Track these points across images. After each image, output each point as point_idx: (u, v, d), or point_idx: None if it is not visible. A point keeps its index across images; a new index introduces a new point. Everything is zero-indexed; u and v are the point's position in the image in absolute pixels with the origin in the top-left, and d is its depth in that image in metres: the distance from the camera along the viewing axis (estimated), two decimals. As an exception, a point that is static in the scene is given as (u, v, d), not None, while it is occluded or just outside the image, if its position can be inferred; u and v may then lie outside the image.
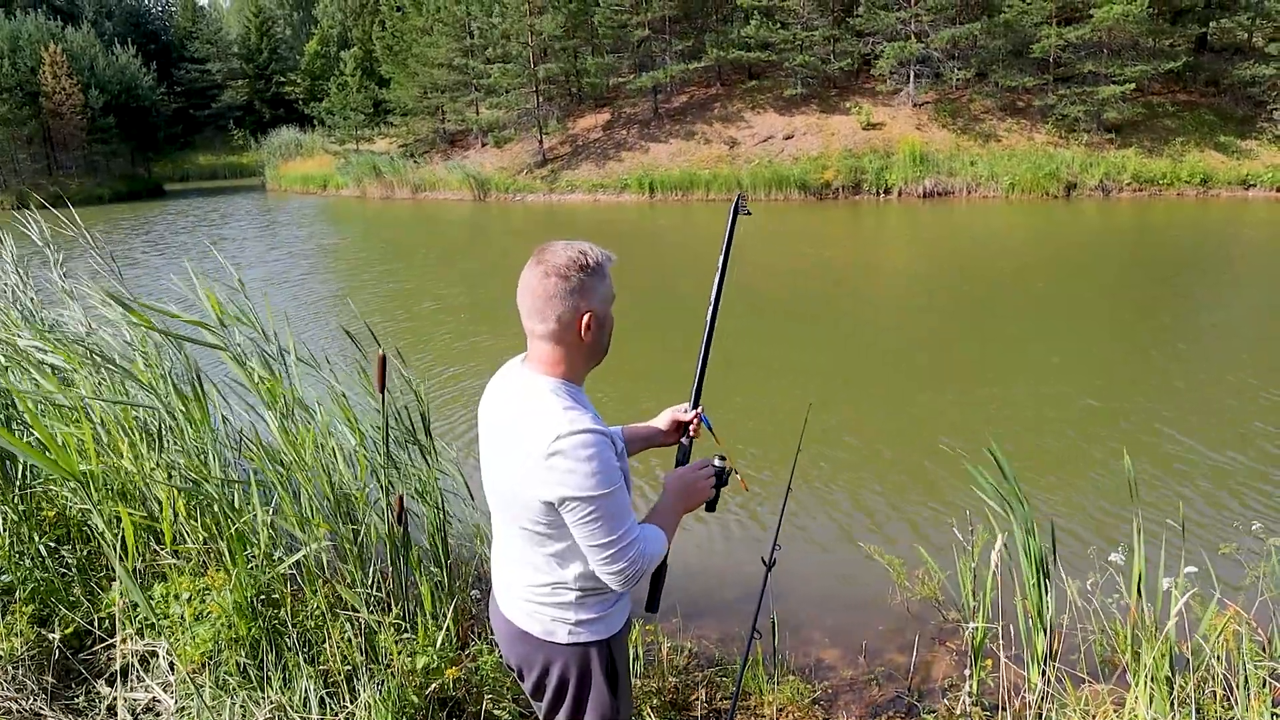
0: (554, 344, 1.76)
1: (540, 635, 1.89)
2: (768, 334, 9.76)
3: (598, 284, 1.74)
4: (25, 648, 2.84)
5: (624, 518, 1.72)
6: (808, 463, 5.73)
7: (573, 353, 1.78)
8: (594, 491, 1.66)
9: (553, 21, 28.80)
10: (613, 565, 1.73)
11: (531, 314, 1.74)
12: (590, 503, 1.67)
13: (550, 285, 1.71)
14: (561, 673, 1.91)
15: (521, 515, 1.79)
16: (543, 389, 1.75)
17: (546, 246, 1.74)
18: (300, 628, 2.86)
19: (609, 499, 1.69)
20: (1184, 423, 6.45)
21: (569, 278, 1.70)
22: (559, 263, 1.71)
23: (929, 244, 17.49)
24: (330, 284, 14.80)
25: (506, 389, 1.85)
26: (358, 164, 33.64)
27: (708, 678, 3.34)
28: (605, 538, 1.71)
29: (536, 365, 1.80)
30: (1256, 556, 2.96)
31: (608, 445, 1.69)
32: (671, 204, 25.43)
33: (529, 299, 1.74)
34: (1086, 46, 23.93)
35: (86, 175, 40.54)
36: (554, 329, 1.74)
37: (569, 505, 1.68)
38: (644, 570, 1.78)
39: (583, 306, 1.73)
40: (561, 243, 1.75)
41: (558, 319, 1.72)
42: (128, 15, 62.95)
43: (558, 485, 1.67)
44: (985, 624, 3.14)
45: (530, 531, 1.80)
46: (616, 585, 1.78)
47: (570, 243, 1.75)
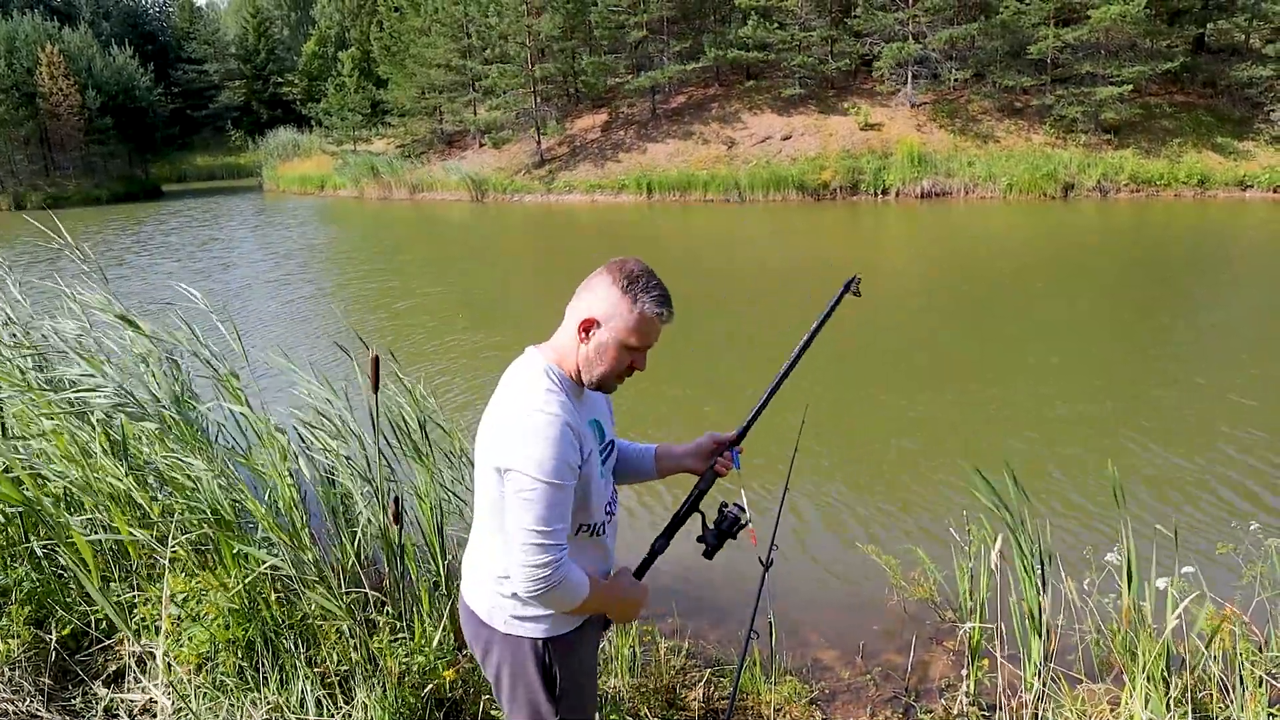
0: (565, 333, 1.80)
1: (483, 617, 1.92)
2: (765, 333, 9.76)
3: (612, 295, 1.74)
4: (22, 649, 2.84)
5: (555, 519, 1.69)
6: (805, 463, 5.73)
7: (571, 350, 1.80)
8: (535, 473, 1.66)
9: (550, 22, 28.80)
10: (526, 556, 1.68)
11: (573, 299, 1.81)
12: (527, 481, 1.66)
13: (590, 277, 1.78)
14: (497, 660, 1.93)
15: (481, 488, 1.82)
16: (537, 366, 1.79)
17: (634, 260, 1.80)
18: (297, 629, 2.86)
19: (547, 489, 1.67)
20: (1183, 422, 6.46)
21: (600, 273, 1.76)
22: (613, 263, 1.77)
23: (927, 244, 17.50)
24: (321, 284, 14.78)
25: (516, 366, 1.87)
26: (355, 165, 33.62)
27: (705, 678, 3.34)
28: (529, 524, 1.68)
29: (546, 352, 1.83)
30: (1255, 556, 2.96)
31: (570, 441, 1.69)
32: (669, 204, 25.43)
33: (582, 285, 1.81)
34: (1084, 47, 23.96)
35: (84, 176, 40.46)
36: (569, 321, 1.79)
37: (510, 476, 1.69)
38: (552, 590, 1.71)
39: (593, 308, 1.75)
40: (635, 260, 1.79)
41: (573, 310, 1.79)
42: (125, 16, 62.88)
43: (507, 452, 1.69)
44: (982, 624, 3.14)
45: (488, 508, 1.82)
46: (520, 581, 1.71)
47: (640, 264, 1.79)
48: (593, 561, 1.90)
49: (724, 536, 2.04)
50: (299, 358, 8.43)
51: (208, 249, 20.43)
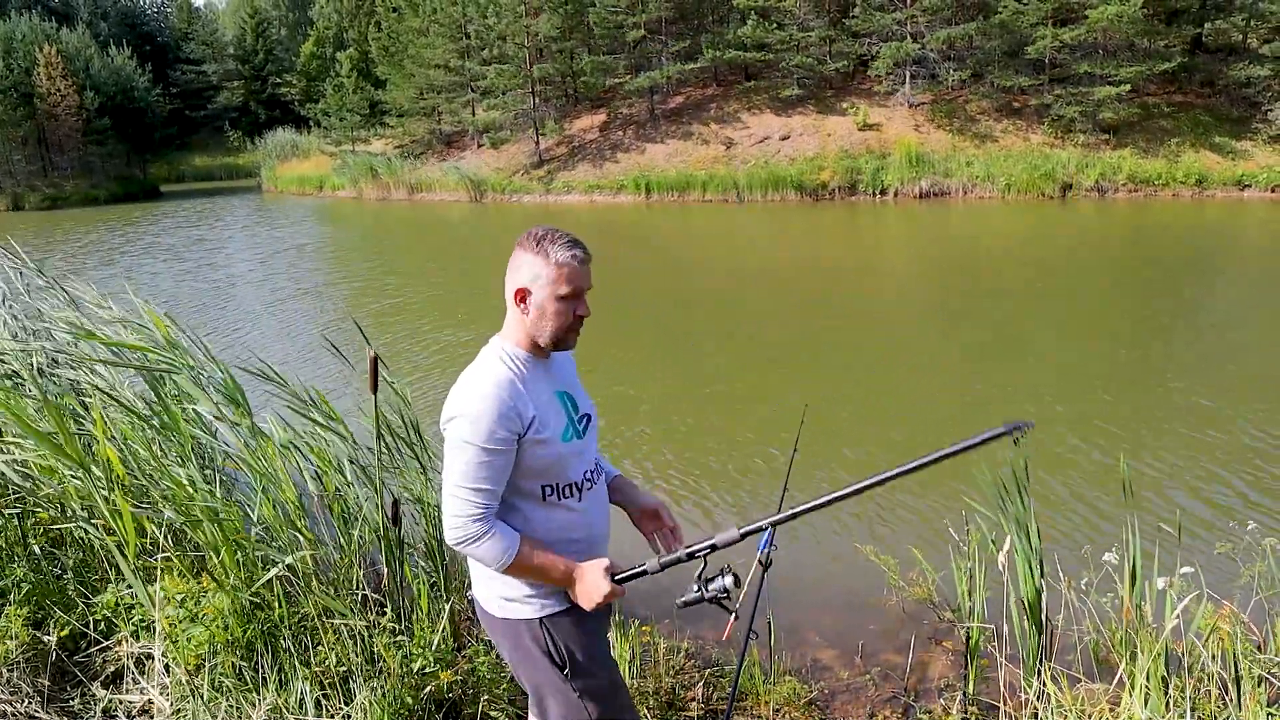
0: (508, 311, 1.91)
1: (481, 603, 2.03)
2: (764, 334, 9.76)
3: (531, 261, 1.85)
4: (20, 650, 2.83)
5: (480, 479, 1.79)
6: (804, 464, 5.72)
7: (518, 324, 1.91)
8: (466, 435, 1.77)
9: (549, 22, 28.80)
10: (450, 506, 1.81)
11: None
12: (459, 441, 1.78)
13: (512, 257, 1.89)
14: (502, 645, 2.04)
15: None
16: (492, 350, 1.91)
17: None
18: (295, 630, 2.85)
19: (474, 450, 1.78)
20: (1182, 422, 6.47)
21: (516, 247, 1.88)
22: (521, 235, 1.88)
23: (926, 244, 17.51)
24: (309, 283, 14.78)
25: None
26: (354, 165, 33.60)
27: (704, 678, 3.34)
28: (456, 480, 1.80)
29: (502, 332, 1.95)
30: (1253, 556, 2.97)
31: (505, 412, 1.79)
32: (668, 204, 25.44)
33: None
34: (1082, 47, 23.98)
35: (82, 177, 40.42)
36: (508, 299, 1.90)
37: (446, 433, 1.82)
38: (471, 543, 1.82)
39: (516, 280, 1.87)
40: (539, 225, 1.91)
41: (507, 286, 1.89)
42: (123, 16, 62.84)
43: (447, 414, 1.82)
44: (980, 624, 3.14)
45: None
46: (446, 530, 1.84)
47: (544, 226, 1.90)
48: (563, 528, 1.96)
49: (708, 601, 2.06)
50: (293, 357, 8.44)
51: (195, 250, 20.39)
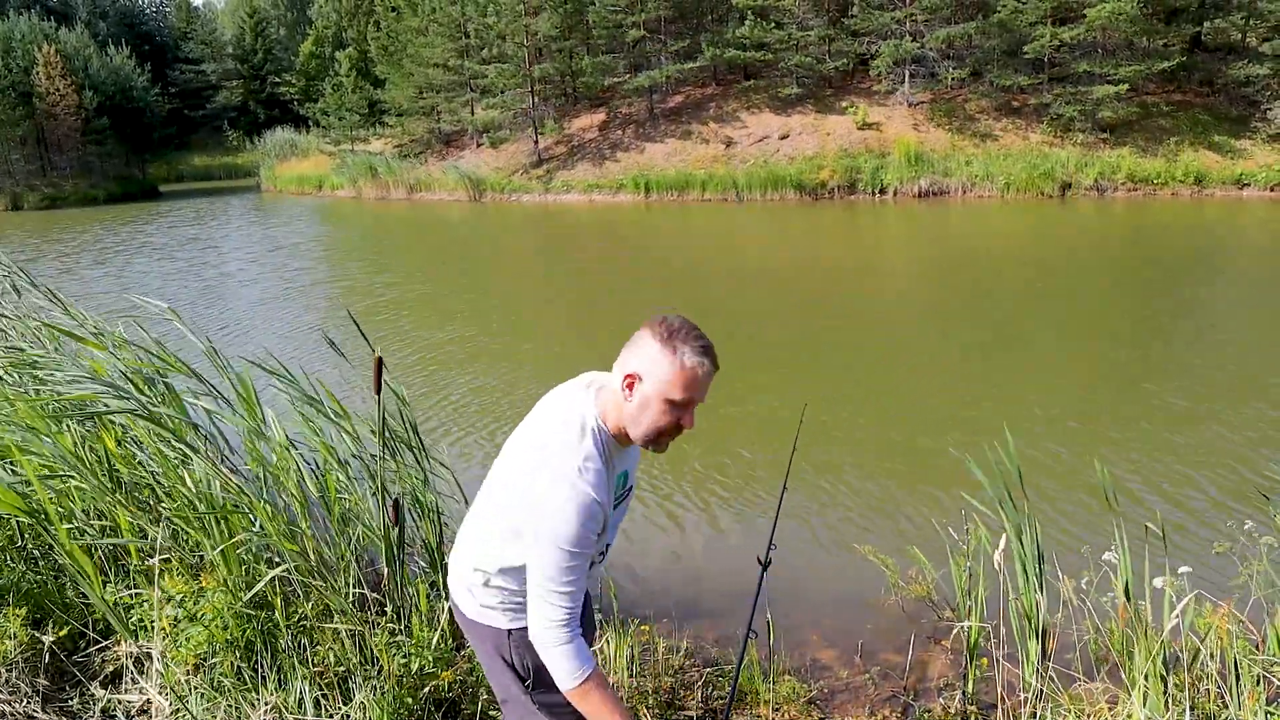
0: (610, 393, 1.80)
1: (459, 605, 2.03)
2: (764, 333, 9.76)
3: (656, 354, 1.73)
4: (18, 650, 2.83)
5: (572, 581, 1.74)
6: (803, 463, 5.73)
7: (618, 407, 1.80)
8: (562, 543, 1.70)
9: (548, 22, 28.78)
10: (543, 607, 1.75)
11: (621, 354, 1.80)
12: (552, 545, 1.71)
13: (632, 340, 1.78)
14: (476, 646, 2.06)
15: (495, 498, 1.90)
16: (586, 421, 1.79)
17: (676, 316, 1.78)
18: (294, 630, 2.85)
19: (568, 555, 1.72)
20: (1182, 421, 6.47)
21: (643, 328, 1.76)
22: (655, 319, 1.76)
23: (925, 244, 17.51)
24: (303, 281, 14.78)
25: (562, 404, 1.88)
26: (353, 164, 33.57)
27: (704, 677, 3.34)
28: (549, 580, 1.73)
29: (600, 398, 1.83)
30: (1251, 555, 2.97)
31: (598, 517, 1.74)
32: (667, 204, 25.44)
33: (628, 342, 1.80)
34: (1081, 46, 23.98)
35: (81, 176, 40.38)
36: (615, 375, 1.79)
37: (538, 532, 1.73)
38: (558, 646, 1.76)
39: (631, 364, 1.75)
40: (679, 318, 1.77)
41: (620, 365, 1.78)
42: (122, 16, 62.77)
43: (540, 512, 1.72)
44: (980, 623, 3.14)
45: (493, 515, 1.90)
46: (533, 625, 1.78)
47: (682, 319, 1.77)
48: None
49: None
50: (281, 356, 8.42)
51: (187, 249, 20.37)
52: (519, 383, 8.07)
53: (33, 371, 3.54)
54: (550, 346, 9.73)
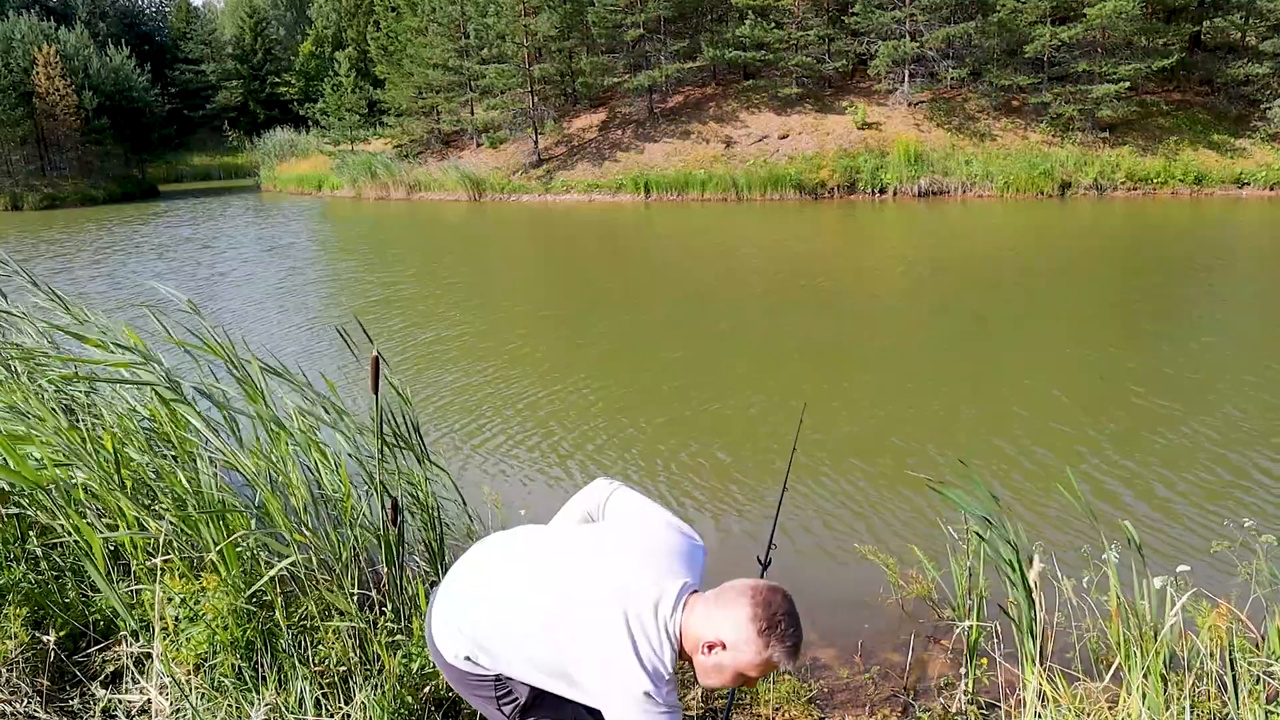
0: (695, 632, 1.74)
1: (439, 647, 1.99)
2: (764, 334, 9.76)
3: (750, 639, 1.69)
4: (19, 650, 2.83)
5: None
6: (802, 463, 5.73)
7: (695, 643, 1.75)
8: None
9: (547, 22, 28.78)
10: None
11: (715, 598, 1.75)
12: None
13: (731, 594, 1.73)
14: (450, 677, 2.03)
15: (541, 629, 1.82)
16: (667, 644, 1.74)
17: (777, 591, 1.74)
18: (295, 629, 2.86)
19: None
20: (1182, 420, 6.47)
21: (741, 602, 1.71)
22: (756, 593, 1.71)
23: (925, 244, 17.51)
24: (298, 282, 14.79)
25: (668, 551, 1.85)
26: (353, 165, 33.57)
27: (704, 677, 3.34)
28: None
29: (692, 616, 1.76)
30: (1251, 554, 2.97)
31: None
32: (667, 204, 25.44)
33: (727, 592, 1.75)
34: (1080, 46, 23.99)
35: (80, 176, 40.35)
36: (697, 621, 1.74)
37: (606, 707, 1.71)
38: None
39: (722, 633, 1.70)
40: (783, 596, 1.73)
41: (708, 620, 1.73)
42: (122, 16, 62.75)
43: (610, 698, 1.70)
44: (979, 623, 3.14)
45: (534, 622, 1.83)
46: None
47: (785, 602, 1.73)
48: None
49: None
50: (282, 355, 8.41)
51: (182, 249, 20.38)
52: (507, 382, 8.06)
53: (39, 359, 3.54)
54: (543, 346, 9.73)
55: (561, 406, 7.30)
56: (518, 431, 6.76)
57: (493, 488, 5.22)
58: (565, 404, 7.37)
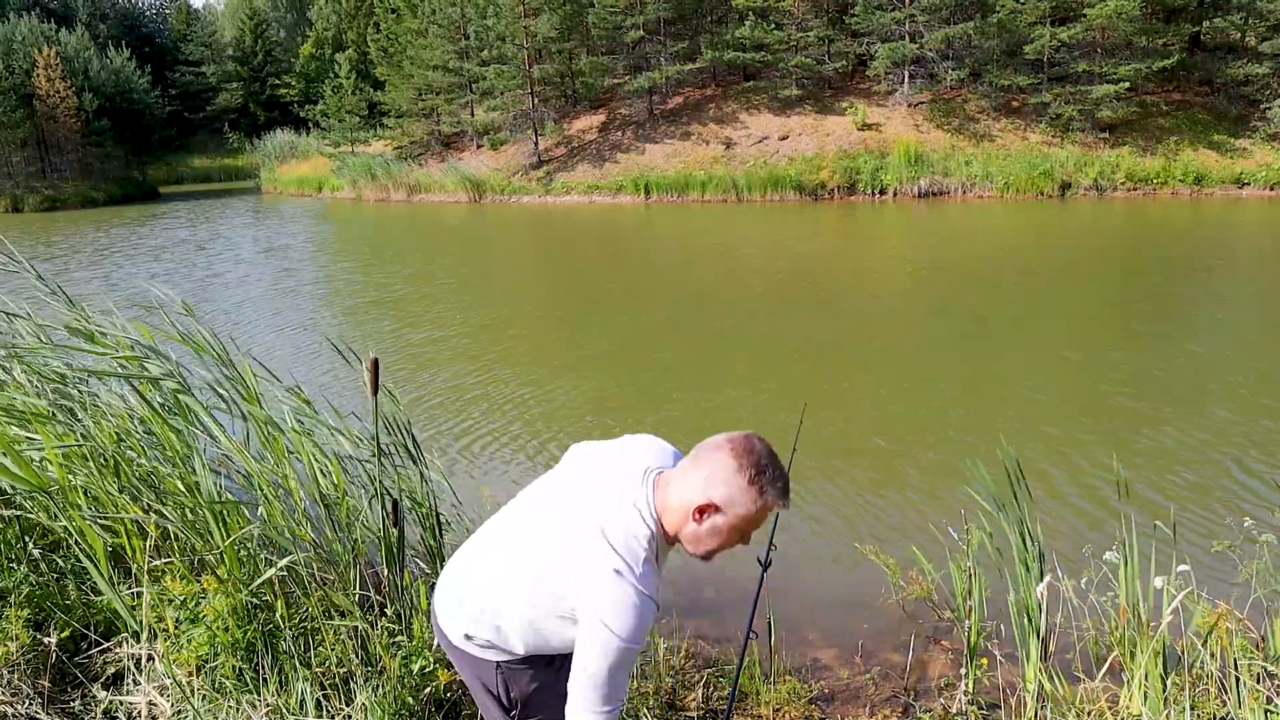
0: (679, 501, 1.73)
1: (445, 632, 1.97)
2: (763, 334, 9.77)
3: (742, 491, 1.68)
4: (20, 652, 2.84)
5: (624, 676, 1.71)
6: (803, 463, 5.73)
7: (683, 522, 1.74)
8: (621, 638, 1.66)
9: (547, 23, 28.80)
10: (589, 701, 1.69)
11: (691, 460, 1.74)
12: (611, 640, 1.66)
13: (718, 453, 1.70)
14: (461, 669, 2.01)
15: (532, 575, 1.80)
16: (644, 533, 1.73)
17: (756, 437, 1.73)
18: (296, 631, 2.86)
19: (626, 651, 1.67)
20: (1183, 421, 6.47)
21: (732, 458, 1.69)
22: (742, 446, 1.70)
23: (925, 245, 17.52)
24: (292, 283, 14.79)
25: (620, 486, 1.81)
26: (353, 166, 33.60)
27: (704, 678, 3.34)
28: (601, 674, 1.68)
29: (660, 497, 1.76)
30: (1251, 554, 2.97)
31: (654, 614, 1.71)
32: (667, 205, 25.45)
33: (701, 449, 1.73)
34: (1080, 46, 24.00)
35: (81, 178, 40.38)
36: (685, 491, 1.72)
37: (592, 625, 1.68)
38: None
39: (712, 492, 1.69)
40: (763, 444, 1.72)
41: (693, 484, 1.71)
42: (122, 18, 62.81)
43: (598, 606, 1.67)
44: (980, 623, 3.15)
45: (526, 571, 1.81)
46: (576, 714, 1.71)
47: (766, 449, 1.72)
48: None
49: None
50: (277, 357, 8.40)
51: (178, 250, 20.41)
52: (505, 382, 8.06)
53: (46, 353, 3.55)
54: (542, 347, 9.73)
55: (560, 407, 7.30)
56: (518, 432, 6.76)
57: (493, 490, 5.23)
58: (564, 404, 7.37)
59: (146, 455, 3.29)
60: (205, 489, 3.02)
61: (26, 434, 3.21)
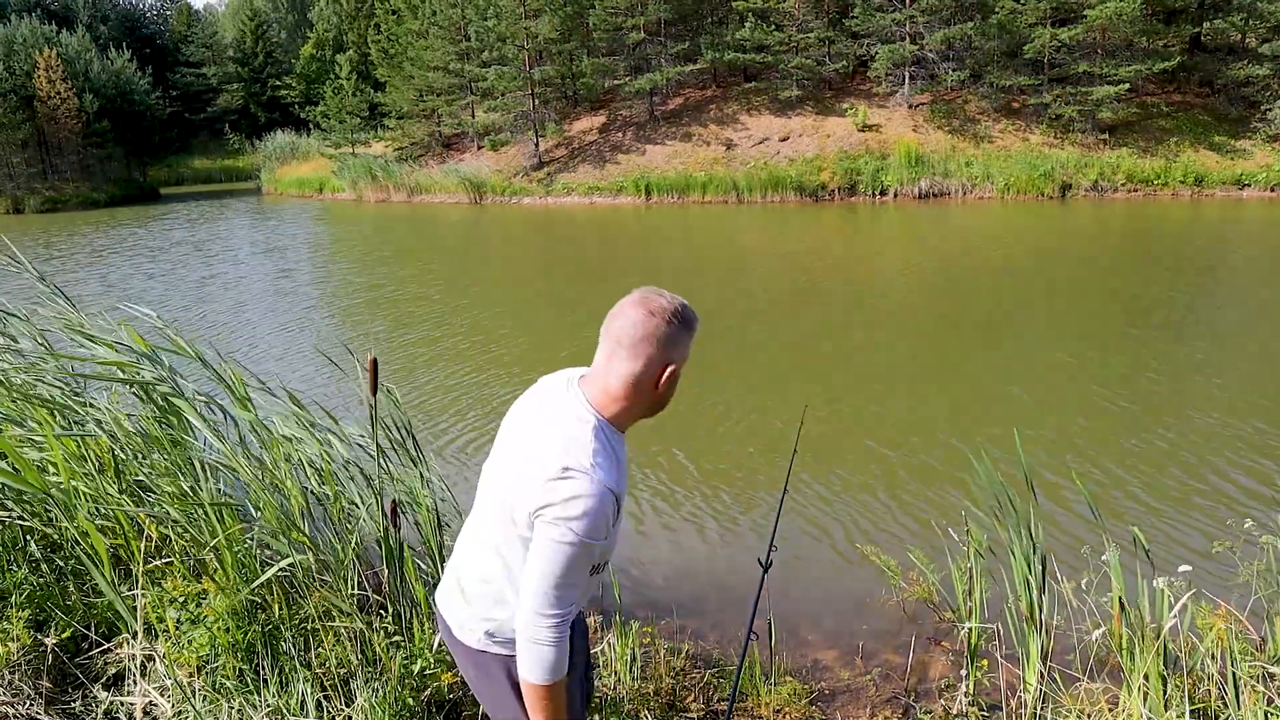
0: (628, 384, 1.75)
1: (454, 630, 1.95)
2: (764, 336, 9.76)
3: (687, 340, 1.78)
4: (21, 652, 2.84)
5: (580, 576, 1.69)
6: (803, 464, 5.74)
7: (640, 398, 1.77)
8: (580, 533, 1.64)
9: (548, 24, 28.82)
10: (541, 604, 1.68)
11: (620, 347, 1.74)
12: (570, 538, 1.64)
13: (652, 326, 1.73)
14: (466, 669, 1.98)
15: (500, 524, 1.80)
16: (587, 426, 1.74)
17: (655, 291, 1.77)
18: (296, 631, 2.86)
19: (585, 547, 1.65)
20: (1184, 422, 6.47)
21: (671, 323, 1.74)
22: (666, 308, 1.74)
23: (925, 246, 17.52)
24: (288, 285, 14.80)
25: (550, 404, 1.83)
26: (353, 167, 33.61)
27: (705, 679, 3.34)
28: (556, 574, 1.66)
29: (594, 394, 1.78)
30: (1252, 555, 2.97)
31: (611, 506, 1.68)
32: (668, 206, 25.46)
33: (625, 332, 1.74)
34: (1080, 47, 24.01)
35: (82, 180, 40.43)
36: (637, 370, 1.74)
37: (549, 526, 1.66)
38: (548, 645, 1.69)
39: (670, 357, 1.75)
40: (667, 293, 1.77)
41: (646, 361, 1.74)
42: (123, 19, 62.87)
43: (554, 505, 1.66)
44: (980, 624, 3.15)
45: (501, 541, 1.80)
46: (528, 628, 1.70)
47: (674, 295, 1.78)
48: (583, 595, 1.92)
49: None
50: (276, 360, 8.38)
51: (174, 251, 20.43)
52: (502, 384, 8.07)
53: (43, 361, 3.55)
54: (542, 348, 9.73)
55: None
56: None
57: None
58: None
59: (144, 458, 3.30)
60: (201, 491, 3.02)
61: (30, 436, 3.21)
